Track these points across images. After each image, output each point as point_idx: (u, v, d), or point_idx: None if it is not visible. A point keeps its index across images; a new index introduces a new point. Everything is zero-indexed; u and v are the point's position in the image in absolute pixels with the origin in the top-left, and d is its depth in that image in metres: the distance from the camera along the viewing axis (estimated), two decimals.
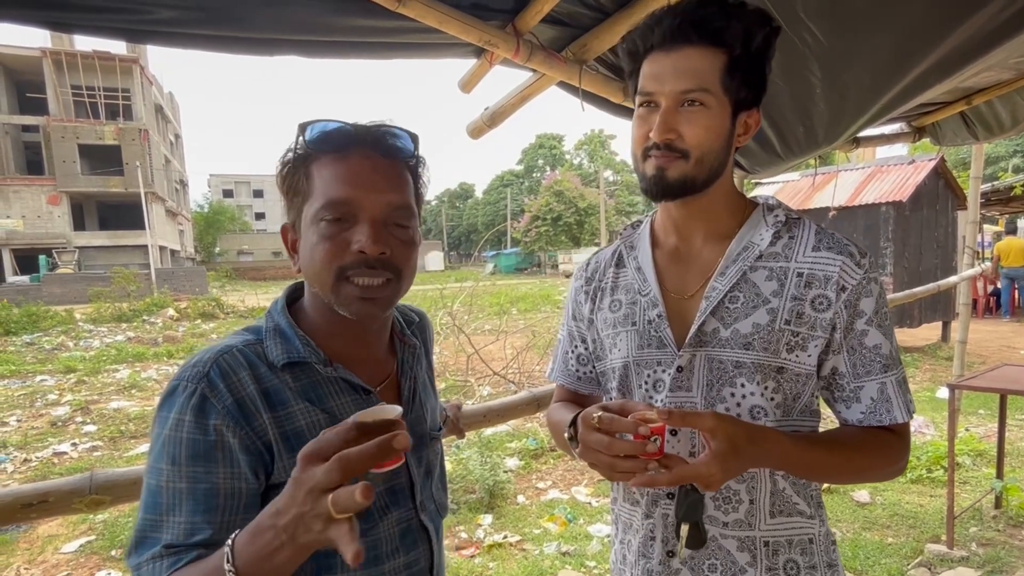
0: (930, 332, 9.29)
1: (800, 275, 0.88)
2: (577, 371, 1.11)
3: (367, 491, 0.51)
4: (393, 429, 0.57)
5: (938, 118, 2.84)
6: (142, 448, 5.54)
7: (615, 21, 1.53)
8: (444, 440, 1.28)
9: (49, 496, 1.09)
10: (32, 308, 14.62)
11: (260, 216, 66.82)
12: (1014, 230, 11.97)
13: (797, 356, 0.88)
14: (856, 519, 3.52)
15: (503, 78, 1.71)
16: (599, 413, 0.79)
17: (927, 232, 8.84)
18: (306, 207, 0.79)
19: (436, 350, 9.29)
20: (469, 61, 1.72)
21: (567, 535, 3.51)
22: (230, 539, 0.61)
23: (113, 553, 3.61)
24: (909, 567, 2.97)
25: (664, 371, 0.92)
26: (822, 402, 0.96)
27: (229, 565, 0.58)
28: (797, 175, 9.62)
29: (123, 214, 31.89)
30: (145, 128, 30.74)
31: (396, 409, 0.62)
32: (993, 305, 11.86)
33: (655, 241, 1.01)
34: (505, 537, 3.50)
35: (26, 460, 5.32)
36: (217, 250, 50.29)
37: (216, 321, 15.71)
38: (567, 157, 59.99)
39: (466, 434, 1.59)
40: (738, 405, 0.89)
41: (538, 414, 1.98)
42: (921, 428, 4.99)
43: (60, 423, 6.42)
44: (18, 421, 6.52)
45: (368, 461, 0.54)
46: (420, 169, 0.87)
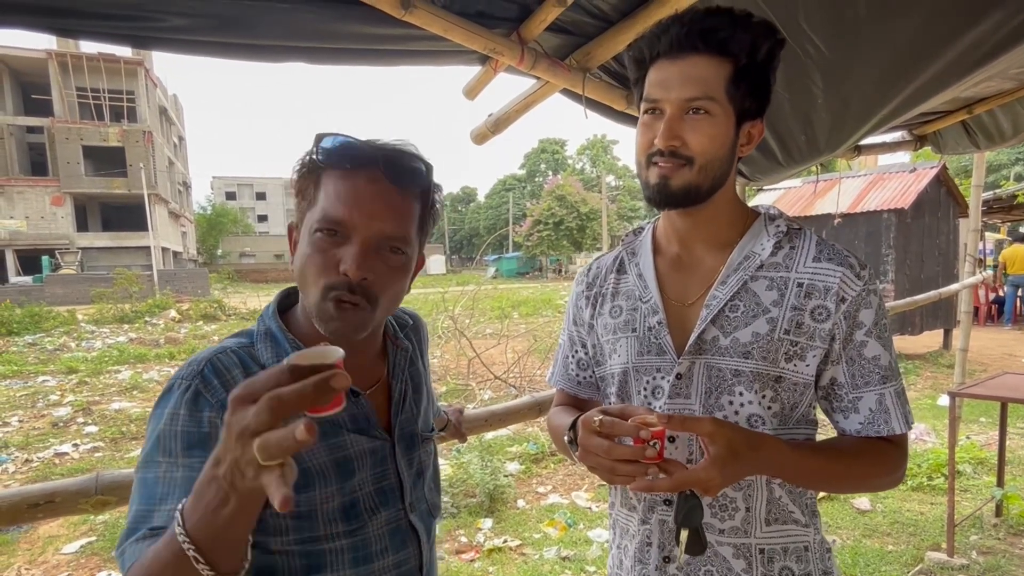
0: (931, 340, 9.28)
1: (800, 285, 0.89)
2: (577, 376, 1.12)
3: (310, 427, 0.47)
4: (331, 371, 0.53)
5: (939, 127, 2.85)
6: None
7: (618, 30, 1.54)
8: (445, 443, 1.28)
9: (56, 496, 1.10)
10: (34, 308, 14.65)
11: (263, 218, 66.92)
12: (1022, 238, 11.95)
13: (795, 366, 0.89)
14: (856, 526, 3.51)
15: (507, 85, 1.73)
16: (599, 417, 0.80)
17: (929, 240, 8.84)
18: (309, 214, 0.81)
19: (437, 353, 9.25)
20: (474, 68, 1.73)
21: (567, 540, 3.51)
22: (179, 507, 0.57)
23: (114, 554, 3.61)
24: (909, 575, 2.96)
25: (663, 378, 0.93)
26: (819, 411, 0.97)
27: (180, 529, 0.55)
28: (799, 182, 9.63)
29: (126, 215, 31.96)
30: (149, 130, 30.83)
31: (337, 351, 0.58)
32: (995, 313, 11.84)
33: (657, 248, 1.02)
34: (505, 541, 3.50)
35: (27, 460, 5.33)
36: (219, 252, 50.33)
37: (218, 323, 15.72)
38: (569, 162, 60.06)
39: (467, 438, 1.59)
40: (736, 413, 0.89)
41: (539, 418, 1.99)
42: (922, 436, 4.98)
43: (61, 424, 6.43)
44: (20, 421, 6.53)
45: (302, 401, 0.50)
46: (433, 196, 0.87)
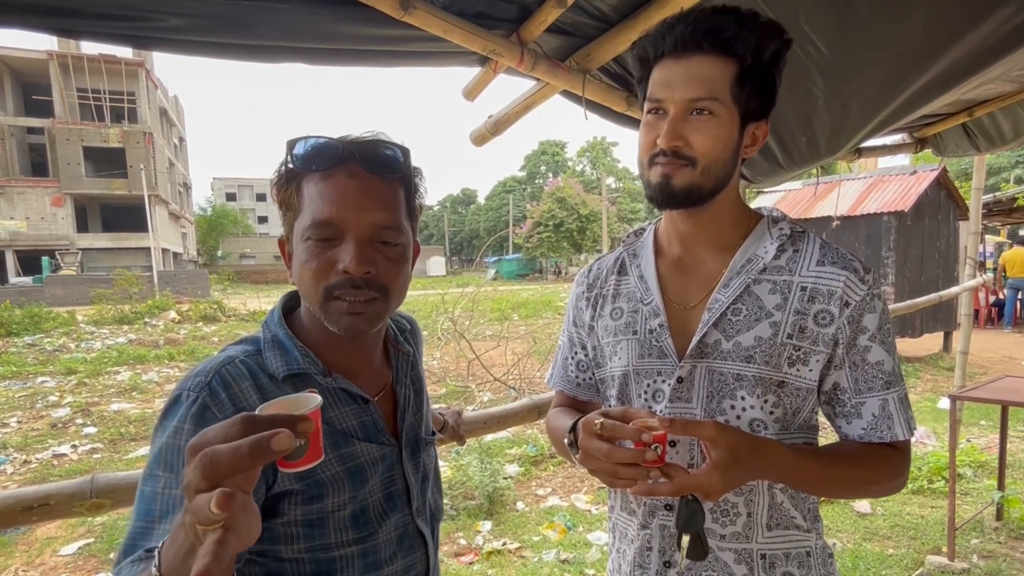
0: (932, 342, 9.27)
1: (804, 289, 0.88)
2: (577, 377, 1.11)
3: (223, 501, 0.42)
4: (297, 424, 0.48)
5: (940, 129, 2.85)
6: (142, 451, 5.53)
7: (619, 31, 1.54)
8: (443, 446, 1.28)
9: (50, 499, 1.09)
10: (34, 309, 14.63)
11: (263, 219, 66.96)
12: (1022, 241, 11.94)
13: (798, 371, 0.88)
14: (857, 530, 3.50)
15: (507, 86, 1.72)
16: (600, 420, 0.79)
17: (929, 242, 8.83)
18: (296, 223, 0.80)
19: (437, 355, 9.26)
20: (473, 69, 1.73)
21: (566, 542, 3.49)
22: (161, 541, 0.55)
23: (111, 556, 3.60)
24: None
25: (664, 381, 0.92)
26: (821, 416, 0.96)
27: (155, 570, 0.53)
28: (799, 184, 9.63)
29: (126, 216, 31.97)
30: (149, 131, 30.85)
31: (315, 399, 0.55)
32: (995, 316, 11.83)
33: (658, 250, 1.01)
34: (504, 544, 3.49)
35: (26, 462, 5.32)
36: (219, 253, 50.37)
37: (218, 324, 15.70)
38: (570, 164, 60.10)
39: (466, 440, 1.59)
40: (738, 418, 0.88)
41: (538, 421, 1.98)
42: (922, 439, 4.97)
43: (60, 425, 6.42)
44: (18, 422, 6.52)
45: (236, 464, 0.44)
46: (415, 181, 0.86)
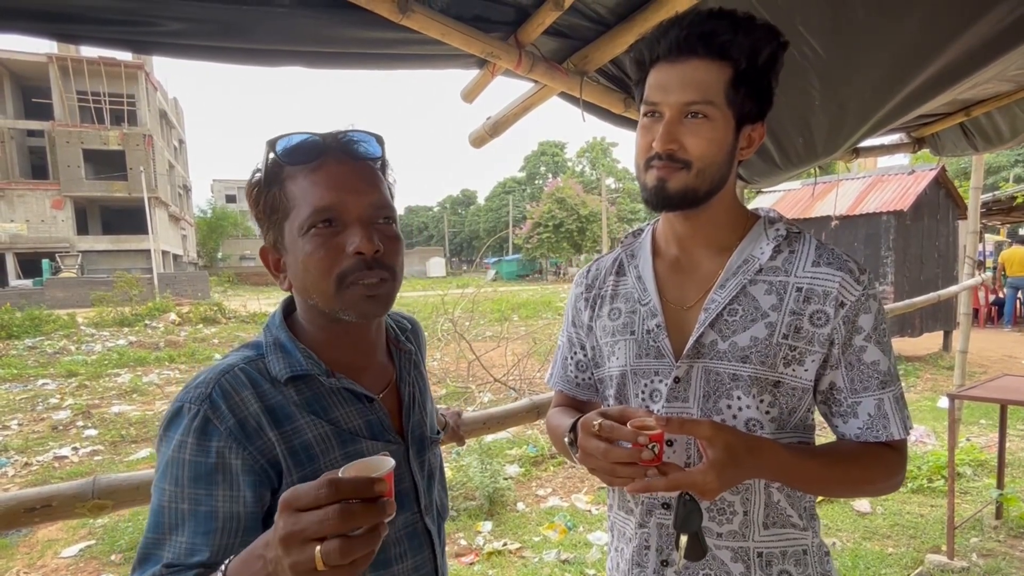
0: (931, 341, 9.28)
1: (799, 290, 0.89)
2: (576, 377, 1.12)
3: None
4: (371, 487, 0.56)
5: (937, 129, 2.86)
6: (143, 452, 5.54)
7: (616, 33, 1.55)
8: (443, 446, 1.29)
9: (52, 500, 1.09)
10: (34, 312, 14.64)
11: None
12: (1022, 240, 11.94)
13: (794, 371, 0.88)
14: (856, 529, 3.51)
15: (505, 88, 1.73)
16: (599, 420, 0.80)
17: (928, 241, 8.84)
18: (288, 223, 0.79)
19: (437, 356, 9.25)
20: (472, 72, 1.74)
21: (567, 543, 3.50)
22: (224, 563, 0.62)
23: (113, 558, 3.61)
24: None
25: (661, 381, 0.93)
26: (817, 415, 0.97)
27: None
28: (798, 184, 9.64)
29: (126, 219, 31.99)
30: (149, 133, 30.87)
31: (389, 463, 0.62)
32: (995, 315, 11.83)
33: (656, 250, 1.02)
34: (505, 544, 3.50)
35: (27, 464, 5.33)
36: (219, 255, 50.35)
37: (218, 326, 15.71)
38: (569, 164, 60.08)
39: (466, 441, 1.59)
40: (734, 417, 0.89)
41: (538, 421, 1.99)
42: (922, 438, 4.97)
43: (61, 427, 6.42)
44: (19, 425, 6.53)
45: (370, 519, 0.55)
46: (387, 170, 0.88)
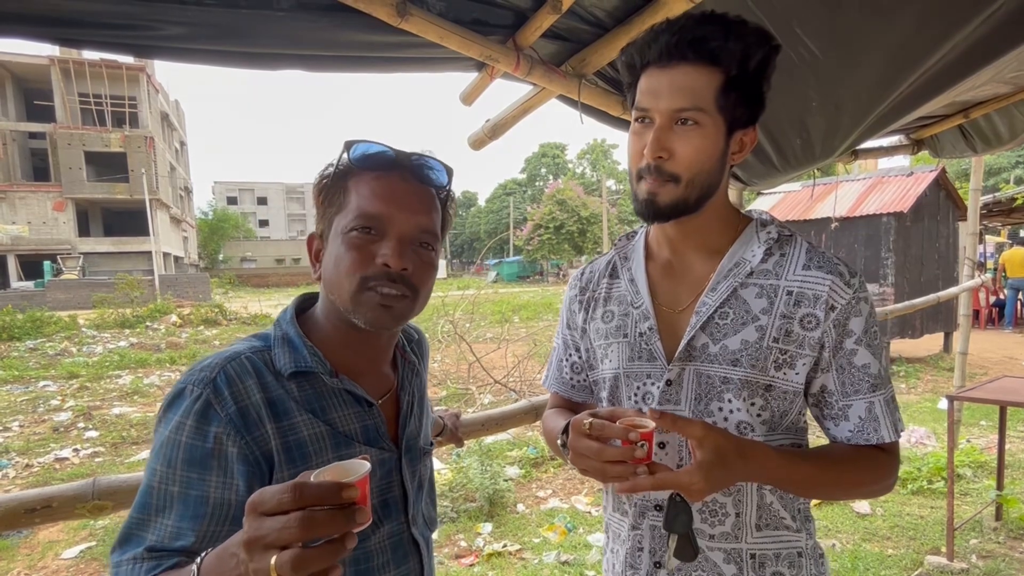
0: (932, 343, 9.27)
1: (790, 293, 0.89)
2: (571, 379, 1.12)
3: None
4: (340, 493, 0.54)
5: (936, 131, 2.86)
6: (143, 454, 5.55)
7: (614, 36, 1.56)
8: (443, 448, 1.29)
9: (53, 501, 1.10)
10: (36, 313, 14.67)
11: (264, 223, 67.07)
12: (1022, 241, 11.93)
13: (785, 374, 0.89)
14: (856, 530, 3.50)
15: (504, 90, 1.74)
16: (589, 420, 0.80)
17: (928, 243, 8.84)
18: (338, 218, 0.82)
19: (438, 358, 9.26)
20: (470, 74, 1.75)
21: (567, 544, 3.50)
22: (199, 557, 0.61)
23: (111, 558, 3.61)
24: None
25: (654, 384, 0.93)
26: (809, 417, 0.97)
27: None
28: (798, 186, 9.64)
29: (128, 220, 32.06)
30: (151, 135, 30.95)
31: (364, 466, 0.60)
32: (995, 316, 11.82)
33: (649, 253, 1.02)
34: (504, 546, 3.50)
35: (28, 466, 5.34)
36: (221, 257, 50.43)
37: (219, 328, 15.74)
38: (570, 166, 60.14)
39: (467, 442, 1.60)
40: (725, 420, 0.89)
41: (537, 422, 1.99)
42: (922, 439, 4.97)
43: (62, 428, 6.43)
44: (20, 426, 6.54)
45: (334, 528, 0.53)
46: (449, 202, 0.91)
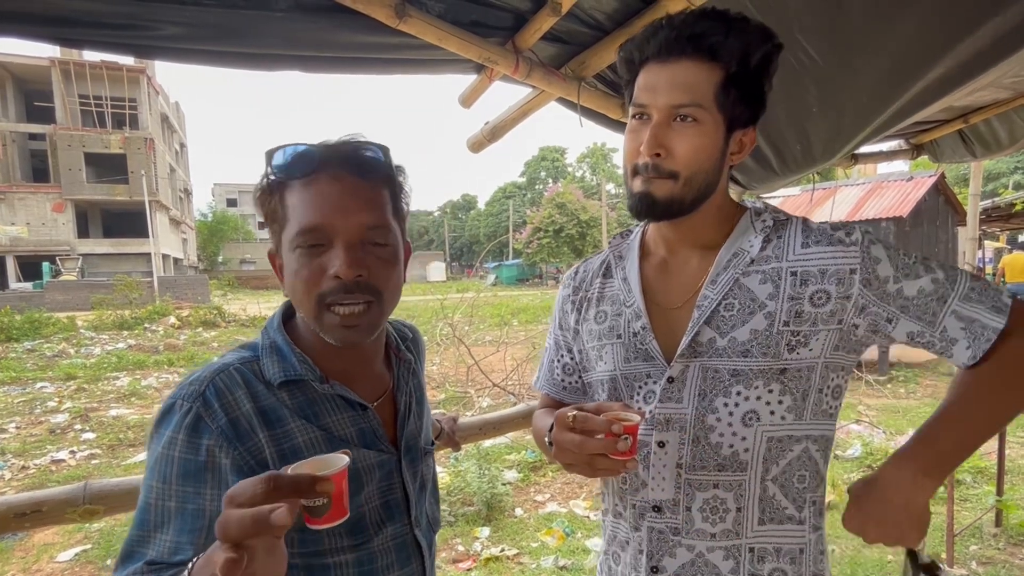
0: None
1: (794, 274, 0.87)
2: (562, 381, 1.10)
3: (227, 566, 0.49)
4: (312, 487, 0.54)
5: (936, 136, 2.85)
6: (140, 456, 5.53)
7: (613, 39, 1.55)
8: (439, 452, 1.28)
9: (43, 506, 1.09)
10: (34, 314, 14.66)
11: (263, 225, 66.62)
12: (1022, 246, 11.95)
13: (799, 353, 0.86)
14: (855, 536, 3.49)
15: (503, 92, 1.73)
16: (573, 413, 0.79)
17: (928, 248, 8.85)
18: (284, 233, 0.78)
19: (436, 360, 9.24)
20: (469, 76, 1.74)
21: (564, 549, 3.49)
22: (191, 561, 0.61)
23: (108, 562, 3.59)
24: None
25: (655, 383, 0.91)
26: (835, 407, 0.92)
27: None
28: (797, 190, 9.65)
29: (127, 222, 32.05)
30: (151, 137, 30.96)
31: (342, 460, 0.60)
32: None
33: (645, 252, 1.00)
34: (502, 550, 3.49)
35: (24, 467, 5.32)
36: (220, 259, 50.40)
37: (217, 329, 15.72)
38: (569, 170, 60.26)
39: (464, 446, 1.59)
40: (730, 414, 0.87)
41: None
42: None
43: (59, 430, 6.42)
44: (17, 428, 6.52)
45: (245, 531, 0.51)
46: (399, 180, 0.85)
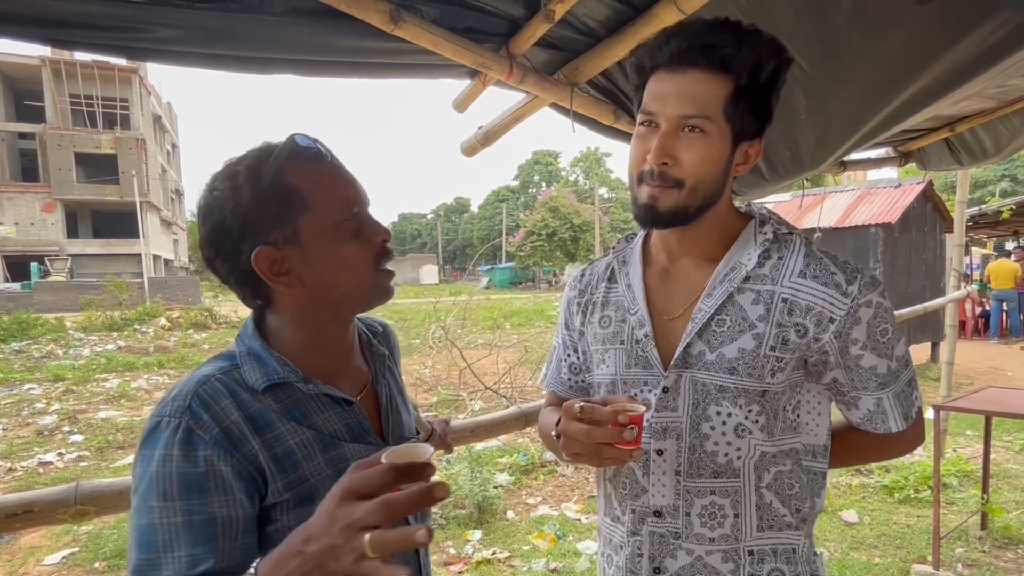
0: (919, 353, 9.33)
1: (785, 300, 0.88)
2: (569, 379, 1.11)
3: (428, 533, 0.54)
4: (425, 471, 0.59)
5: (923, 144, 2.90)
6: (129, 458, 5.48)
7: (606, 46, 1.57)
8: (433, 455, 1.28)
9: (34, 506, 1.08)
10: (22, 315, 14.50)
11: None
12: (1007, 253, 12.11)
13: (778, 378, 0.88)
14: (844, 539, 3.52)
15: (497, 97, 1.75)
16: (580, 403, 0.81)
17: (916, 254, 8.94)
18: (306, 219, 0.78)
19: (428, 363, 9.19)
20: (463, 81, 1.75)
21: (556, 552, 3.49)
22: (253, 566, 0.61)
23: (97, 565, 3.56)
24: None
25: (651, 391, 0.93)
26: (799, 420, 0.96)
27: None
28: (788, 196, 9.74)
29: (117, 223, 31.80)
30: (142, 137, 30.77)
31: (428, 449, 0.65)
32: (982, 327, 11.95)
33: (647, 259, 1.01)
34: (494, 553, 3.49)
35: (11, 470, 5.26)
36: None
37: (208, 331, 15.61)
38: (563, 174, 60.45)
39: (456, 449, 1.60)
40: (723, 424, 0.89)
41: (527, 429, 1.99)
42: None
43: (47, 432, 6.35)
44: (4, 430, 6.45)
45: (411, 509, 0.56)
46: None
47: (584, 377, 1.09)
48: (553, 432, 0.90)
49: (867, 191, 9.16)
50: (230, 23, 1.20)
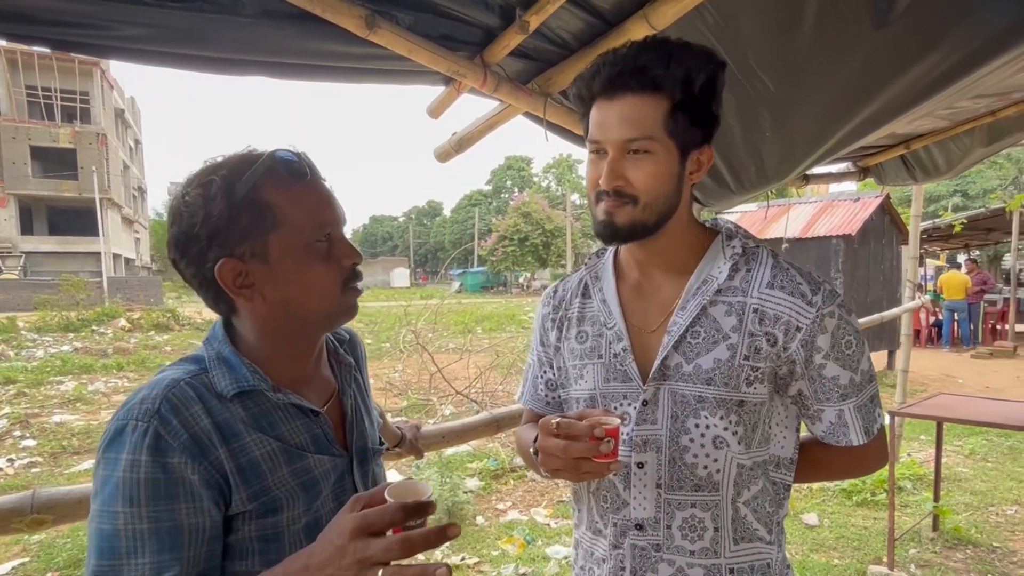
0: (877, 360, 9.66)
1: (756, 311, 0.90)
2: (546, 396, 1.12)
3: (448, 572, 0.58)
4: (429, 510, 0.62)
5: (881, 160, 3.02)
6: (86, 464, 5.29)
7: (579, 58, 1.60)
8: (402, 460, 1.28)
9: None
10: None
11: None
12: (958, 265, 12.63)
13: (755, 388, 0.90)
14: (805, 541, 3.62)
15: (471, 104, 1.76)
16: (557, 419, 0.82)
17: (874, 265, 9.26)
18: (276, 236, 0.76)
19: (399, 368, 9.10)
20: (438, 88, 1.76)
21: (525, 557, 3.50)
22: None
23: (48, 575, 3.43)
24: None
25: (631, 404, 0.94)
26: (771, 432, 0.99)
27: None
28: (754, 206, 9.98)
29: (75, 220, 30.64)
30: (103, 132, 29.77)
31: (427, 488, 0.68)
32: (935, 336, 12.43)
33: (619, 273, 1.03)
34: (463, 559, 3.47)
35: None
36: None
37: (171, 333, 15.16)
38: (535, 179, 60.74)
39: (426, 454, 1.59)
40: (702, 435, 0.91)
41: (498, 435, 2.00)
42: None
43: None
44: None
45: (427, 547, 0.60)
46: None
47: (560, 393, 1.09)
48: (531, 449, 0.91)
49: (829, 203, 9.46)
50: (200, 24, 1.18)
